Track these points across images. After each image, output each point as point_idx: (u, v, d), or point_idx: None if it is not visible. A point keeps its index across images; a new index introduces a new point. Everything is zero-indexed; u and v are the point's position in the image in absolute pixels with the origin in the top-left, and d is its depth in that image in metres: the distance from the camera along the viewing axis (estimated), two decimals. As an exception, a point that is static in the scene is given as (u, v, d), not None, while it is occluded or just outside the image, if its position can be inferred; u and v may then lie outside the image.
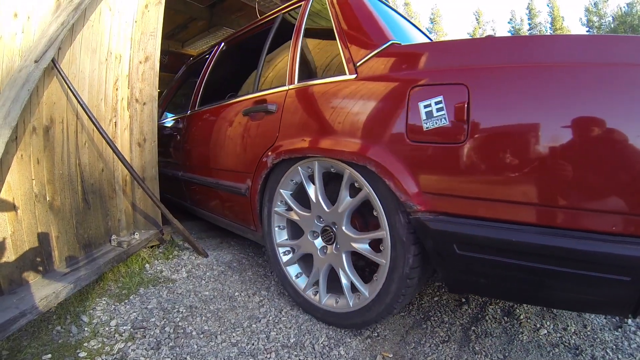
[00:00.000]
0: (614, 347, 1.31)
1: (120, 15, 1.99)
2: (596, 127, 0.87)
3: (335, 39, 1.48)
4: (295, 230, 1.63)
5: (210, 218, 2.40)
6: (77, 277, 1.56)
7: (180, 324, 1.47)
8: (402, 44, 1.35)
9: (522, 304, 1.57)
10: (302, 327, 1.47)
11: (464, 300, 1.66)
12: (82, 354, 1.26)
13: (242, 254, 2.27)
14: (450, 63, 1.11)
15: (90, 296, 1.62)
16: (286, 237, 1.65)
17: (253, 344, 1.36)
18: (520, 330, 1.42)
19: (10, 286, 1.40)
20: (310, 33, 1.77)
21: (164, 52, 2.56)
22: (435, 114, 1.04)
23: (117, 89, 2.02)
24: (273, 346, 1.35)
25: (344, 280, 1.36)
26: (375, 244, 1.29)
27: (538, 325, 1.45)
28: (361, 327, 1.44)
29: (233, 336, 1.40)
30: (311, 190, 1.45)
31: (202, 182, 2.29)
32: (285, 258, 1.63)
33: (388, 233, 1.20)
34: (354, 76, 1.33)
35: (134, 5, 2.07)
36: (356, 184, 1.29)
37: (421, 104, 1.07)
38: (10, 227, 1.41)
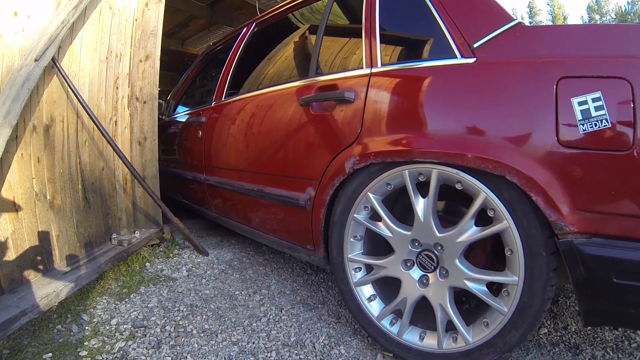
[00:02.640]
0: (614, 346, 1.31)
1: (121, 14, 1.98)
2: None
3: (430, 13, 1.21)
4: (375, 245, 1.36)
5: (244, 231, 2.04)
6: (78, 275, 1.56)
7: (180, 322, 1.47)
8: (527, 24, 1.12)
9: None
10: (302, 325, 1.48)
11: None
12: (83, 353, 1.26)
13: (243, 253, 2.27)
14: (602, 51, 0.94)
15: (91, 295, 1.62)
16: (360, 251, 1.33)
17: (254, 343, 1.36)
18: (521, 329, 1.42)
19: (11, 285, 1.40)
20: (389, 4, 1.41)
21: (164, 51, 2.53)
22: (593, 113, 0.86)
23: (117, 88, 2.02)
24: (274, 345, 1.35)
25: (439, 316, 1.14)
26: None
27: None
28: None
29: (234, 335, 1.41)
30: (419, 206, 1.14)
31: (235, 188, 1.91)
32: (357, 276, 1.32)
33: (522, 265, 0.98)
34: (472, 60, 1.06)
35: (134, 4, 2.07)
36: (489, 206, 1.02)
37: (575, 100, 0.88)
38: (10, 226, 1.41)
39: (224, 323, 1.48)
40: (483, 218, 1.06)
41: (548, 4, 42.25)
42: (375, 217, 1.27)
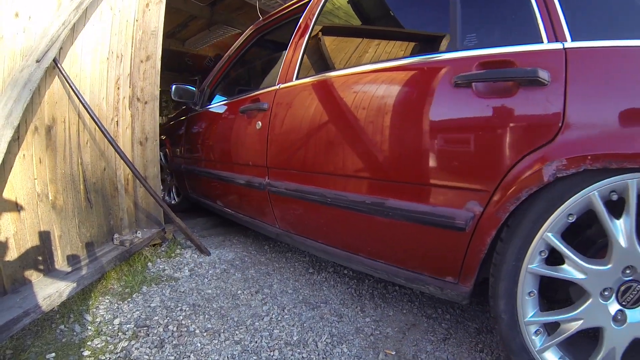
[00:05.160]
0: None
1: (122, 14, 1.98)
2: None
3: None
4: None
5: (332, 255, 1.61)
6: (80, 276, 1.56)
7: (183, 322, 1.47)
8: None
9: None
10: (305, 324, 1.48)
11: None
12: (86, 353, 1.26)
13: (245, 252, 2.27)
14: None
15: (93, 295, 1.62)
16: (535, 310, 1.02)
17: (256, 342, 1.36)
18: (523, 327, 1.42)
19: (14, 285, 1.40)
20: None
21: (164, 51, 2.51)
22: None
23: (118, 88, 2.02)
24: (276, 344, 1.35)
25: None
26: None
27: (541, 323, 1.45)
28: None
29: (236, 334, 1.41)
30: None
31: (327, 200, 1.48)
32: (538, 340, 1.02)
33: None
34: None
35: (135, 4, 2.07)
36: None
37: None
38: (13, 226, 1.41)
39: (227, 322, 1.49)
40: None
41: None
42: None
